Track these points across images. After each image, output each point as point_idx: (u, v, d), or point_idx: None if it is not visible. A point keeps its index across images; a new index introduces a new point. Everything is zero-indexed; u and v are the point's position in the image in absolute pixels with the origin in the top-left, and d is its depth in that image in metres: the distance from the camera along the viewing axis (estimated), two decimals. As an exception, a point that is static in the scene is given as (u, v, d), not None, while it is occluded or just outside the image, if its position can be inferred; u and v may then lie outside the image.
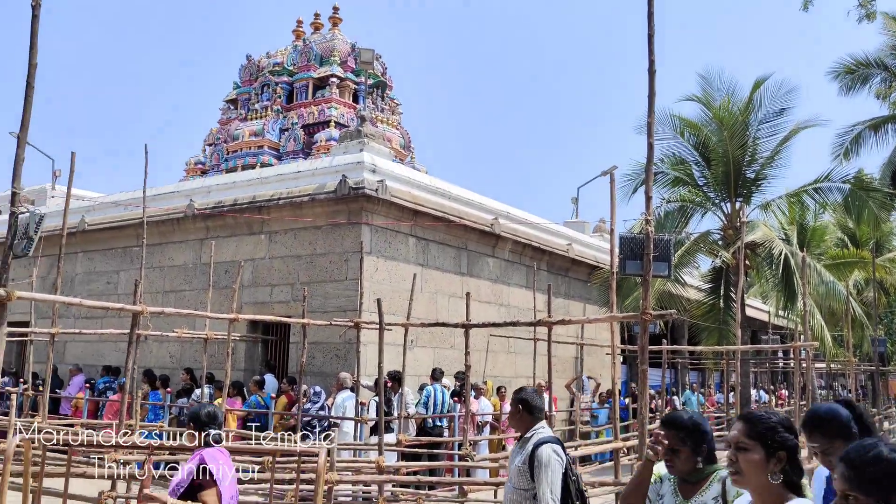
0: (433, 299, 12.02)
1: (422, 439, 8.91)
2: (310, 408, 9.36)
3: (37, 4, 5.13)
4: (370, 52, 12.64)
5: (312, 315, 9.82)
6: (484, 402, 10.77)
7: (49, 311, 12.29)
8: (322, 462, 3.93)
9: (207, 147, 18.95)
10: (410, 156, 18.55)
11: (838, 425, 2.72)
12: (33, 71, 5.21)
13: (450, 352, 12.20)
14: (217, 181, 13.45)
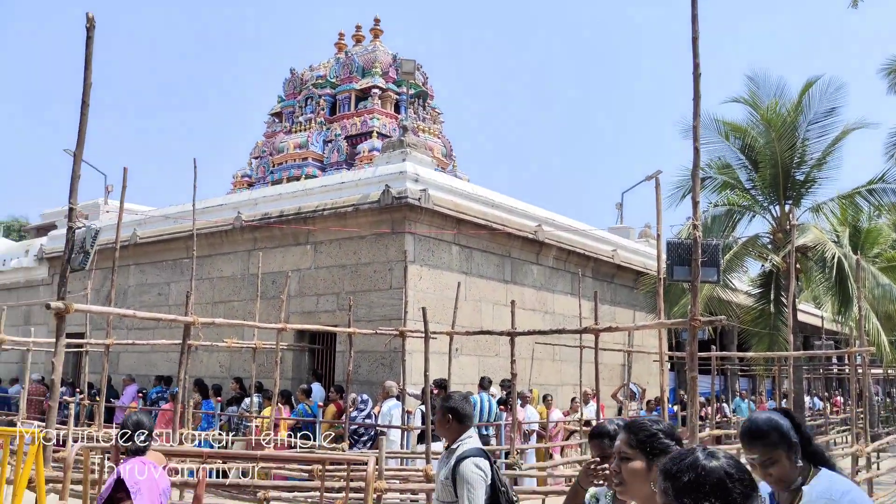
0: (477, 307, 12.02)
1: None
2: (356, 416, 9.42)
3: (91, 26, 5.31)
4: (411, 62, 12.74)
5: (358, 324, 9.91)
6: (530, 410, 10.72)
7: (103, 323, 12.63)
8: (371, 470, 3.97)
9: (254, 160, 19.27)
10: (452, 164, 18.59)
11: (779, 435, 2.54)
12: (88, 90, 5.39)
13: (495, 360, 12.17)
14: (263, 193, 13.68)
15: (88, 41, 5.37)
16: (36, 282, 18.25)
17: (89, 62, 5.37)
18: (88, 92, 5.36)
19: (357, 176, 12.14)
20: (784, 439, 2.52)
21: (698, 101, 5.31)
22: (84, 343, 10.48)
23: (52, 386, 4.93)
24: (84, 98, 5.36)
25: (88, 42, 5.37)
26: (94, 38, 5.38)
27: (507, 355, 11.51)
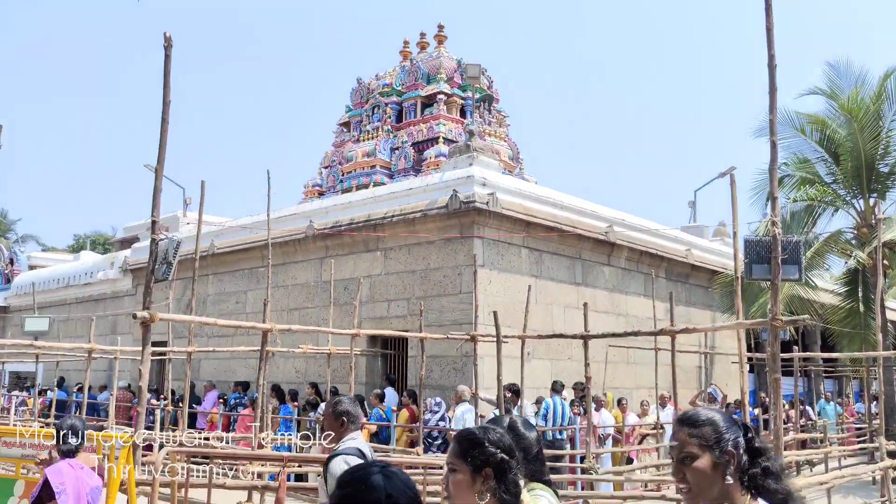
0: (548, 310, 11.92)
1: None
2: (430, 419, 9.47)
3: (168, 45, 5.51)
4: (476, 66, 12.76)
5: (428, 329, 9.97)
6: (605, 414, 10.56)
7: (184, 331, 13.08)
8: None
9: (323, 169, 19.65)
10: (519, 167, 18.53)
11: (714, 434, 2.09)
12: (167, 107, 5.60)
13: (567, 363, 12.04)
14: (334, 202, 13.92)
15: (166, 60, 5.58)
16: (121, 293, 19.04)
17: (167, 81, 5.59)
18: (167, 110, 5.58)
19: (424, 182, 12.22)
20: (719, 443, 2.04)
21: (774, 93, 5.15)
22: (167, 351, 10.87)
23: (139, 392, 5.14)
24: (163, 115, 5.57)
25: (166, 61, 5.58)
26: (171, 58, 5.59)
27: (580, 359, 11.36)
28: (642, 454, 10.91)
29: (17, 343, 9.22)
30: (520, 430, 2.66)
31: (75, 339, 18.44)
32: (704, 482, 2.00)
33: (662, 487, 7.75)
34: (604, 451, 9.77)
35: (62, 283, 21.73)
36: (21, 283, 23.80)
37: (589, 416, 7.37)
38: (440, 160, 15.33)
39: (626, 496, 5.63)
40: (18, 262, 26.03)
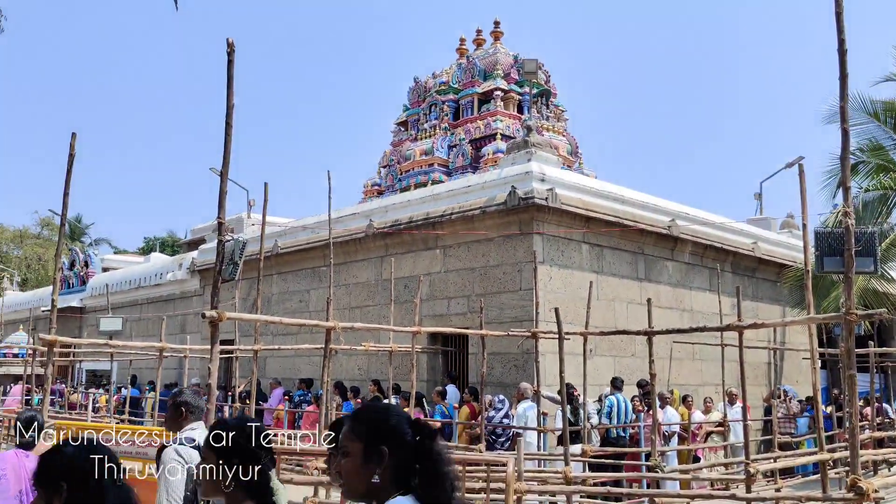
0: (610, 306, 11.77)
1: (607, 450, 8.71)
2: (493, 417, 9.46)
3: (232, 50, 5.64)
4: (533, 61, 12.66)
5: (489, 326, 9.96)
6: (670, 411, 10.36)
7: (250, 330, 13.38)
8: (511, 471, 3.98)
9: (382, 169, 19.84)
10: (578, 162, 18.34)
11: (372, 430, 2.01)
12: (231, 111, 5.72)
13: (630, 360, 11.87)
14: (393, 201, 14.03)
15: (229, 65, 5.70)
16: (189, 293, 19.61)
17: (231, 85, 5.71)
18: (231, 113, 5.70)
19: (483, 179, 12.21)
20: (372, 441, 1.96)
21: (845, 79, 4.97)
22: (234, 349, 11.13)
23: (209, 390, 5.27)
24: (228, 119, 5.69)
25: (229, 66, 5.70)
26: (234, 63, 5.71)
27: (643, 355, 11.18)
28: (709, 452, 10.67)
29: (94, 342, 9.58)
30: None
31: (146, 339, 19.08)
32: (352, 477, 1.99)
33: (731, 487, 7.57)
34: (669, 449, 9.59)
35: (133, 285, 22.51)
36: (95, 284, 24.75)
37: (654, 413, 7.25)
38: (498, 157, 15.29)
39: (693, 495, 5.52)
40: (93, 264, 27.06)
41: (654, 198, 13.04)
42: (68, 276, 26.64)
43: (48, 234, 44.05)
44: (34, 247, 42.59)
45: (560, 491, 5.90)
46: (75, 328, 24.01)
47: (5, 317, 25.75)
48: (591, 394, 9.62)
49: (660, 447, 7.97)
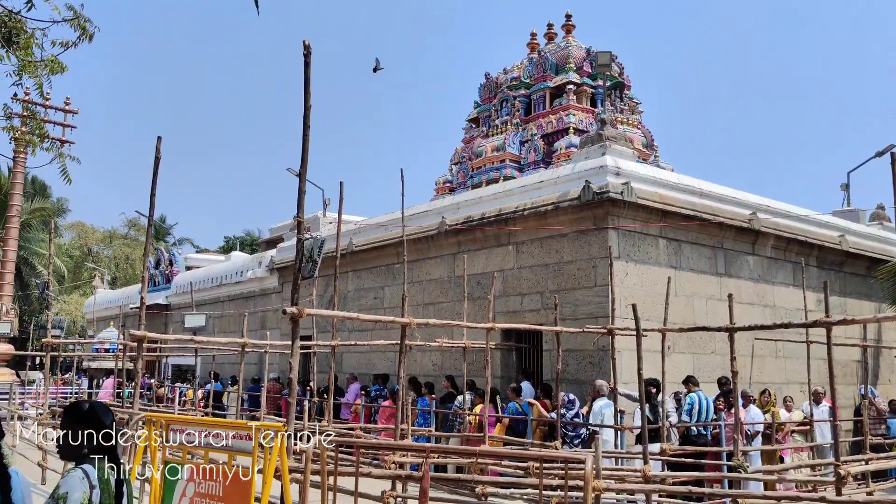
0: (689, 302, 11.49)
1: (687, 449, 8.51)
2: (564, 415, 9.38)
3: (308, 53, 5.76)
4: (607, 54, 12.44)
5: (563, 323, 9.87)
6: (754, 410, 10.05)
7: (327, 326, 13.65)
8: (590, 469, 3.93)
9: (454, 166, 19.91)
10: (654, 155, 17.97)
11: (76, 417, 3.10)
12: (308, 112, 5.85)
13: (710, 357, 11.56)
14: (465, 197, 14.06)
15: (306, 68, 5.83)
16: (269, 290, 20.15)
17: (308, 87, 5.83)
18: (308, 115, 5.83)
19: (555, 174, 12.09)
20: (76, 423, 2.99)
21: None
22: (312, 345, 11.37)
23: (290, 384, 5.42)
24: (305, 121, 5.83)
25: (306, 68, 5.83)
26: (311, 65, 5.84)
27: (724, 352, 10.88)
28: (794, 453, 10.30)
29: (179, 338, 9.96)
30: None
31: (228, 335, 19.71)
32: None
33: (820, 489, 7.28)
34: (752, 448, 9.30)
35: (215, 282, 23.28)
36: (180, 282, 25.71)
37: (736, 411, 7.04)
38: (571, 151, 15.13)
39: (779, 496, 5.32)
40: (176, 263, 28.13)
41: (733, 190, 12.66)
42: (154, 275, 27.77)
43: (135, 234, 46.03)
44: (122, 247, 44.59)
45: (639, 490, 5.79)
46: (161, 325, 25.01)
47: (97, 314, 27.07)
48: (669, 391, 9.42)
49: (742, 447, 7.74)
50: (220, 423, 5.30)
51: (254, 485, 4.71)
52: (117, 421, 4.65)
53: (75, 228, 44.83)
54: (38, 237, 37.97)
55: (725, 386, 10.05)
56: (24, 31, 5.86)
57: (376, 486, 6.26)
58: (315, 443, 4.57)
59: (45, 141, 7.49)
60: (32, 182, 38.66)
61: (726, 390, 9.99)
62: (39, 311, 35.27)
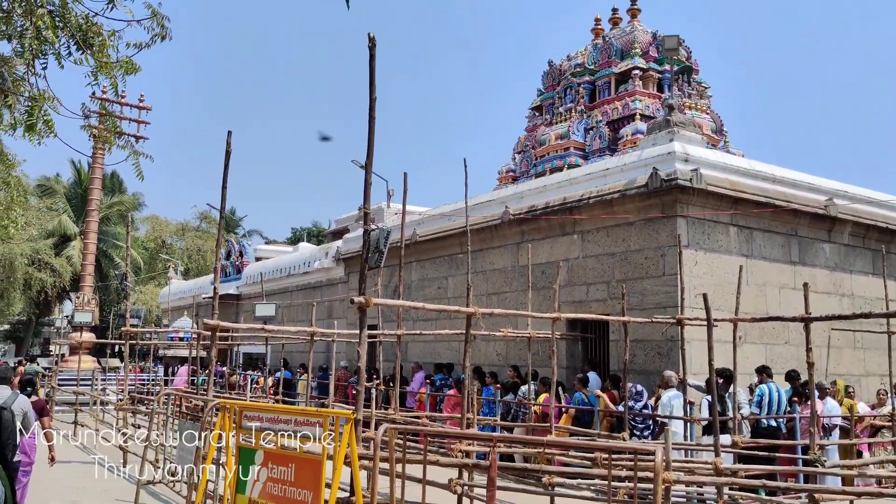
0: (761, 292, 11.17)
1: (759, 441, 8.29)
2: (632, 406, 9.25)
3: (373, 45, 5.81)
4: (674, 38, 12.13)
5: (630, 312, 9.72)
6: (831, 402, 9.72)
7: (392, 315, 13.80)
8: (660, 460, 3.87)
9: (517, 155, 19.79)
10: (724, 140, 17.48)
11: None
12: (373, 104, 5.90)
13: (784, 348, 11.22)
14: (528, 186, 13.98)
15: (371, 60, 5.88)
16: (335, 280, 20.49)
17: (373, 79, 5.88)
18: (374, 106, 5.88)
19: (622, 161, 11.90)
20: None
21: None
22: (378, 334, 11.52)
23: (358, 372, 5.50)
24: (370, 112, 5.88)
25: (371, 61, 5.88)
26: (375, 57, 5.88)
27: (797, 343, 10.57)
28: (876, 448, 9.91)
29: (251, 327, 10.22)
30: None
31: (296, 324, 20.14)
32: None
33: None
34: (829, 442, 8.99)
35: (284, 273, 23.81)
36: (250, 273, 26.39)
37: (812, 404, 6.81)
38: (637, 138, 14.86)
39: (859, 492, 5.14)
40: (246, 254, 28.87)
41: (808, 176, 12.23)
42: (225, 266, 28.57)
43: (206, 226, 47.41)
44: (194, 239, 45.99)
45: (711, 483, 5.68)
46: (232, 314, 25.74)
47: (171, 303, 28.03)
48: (741, 383, 9.19)
49: (819, 440, 7.50)
50: (290, 410, 5.42)
51: (324, 470, 4.81)
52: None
53: (150, 221, 46.46)
54: (116, 230, 39.54)
55: (795, 380, 9.74)
56: (100, 35, 6.09)
57: (443, 475, 6.30)
58: (383, 430, 4.63)
59: (121, 138, 7.77)
60: (111, 177, 40.26)
61: (801, 383, 9.69)
62: (118, 301, 36.75)
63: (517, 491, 6.25)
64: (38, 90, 5.96)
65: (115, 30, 6.17)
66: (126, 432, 11.38)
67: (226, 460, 5.75)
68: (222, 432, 5.77)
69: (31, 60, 5.70)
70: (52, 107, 6.14)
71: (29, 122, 5.97)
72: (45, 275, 34.64)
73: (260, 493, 5.29)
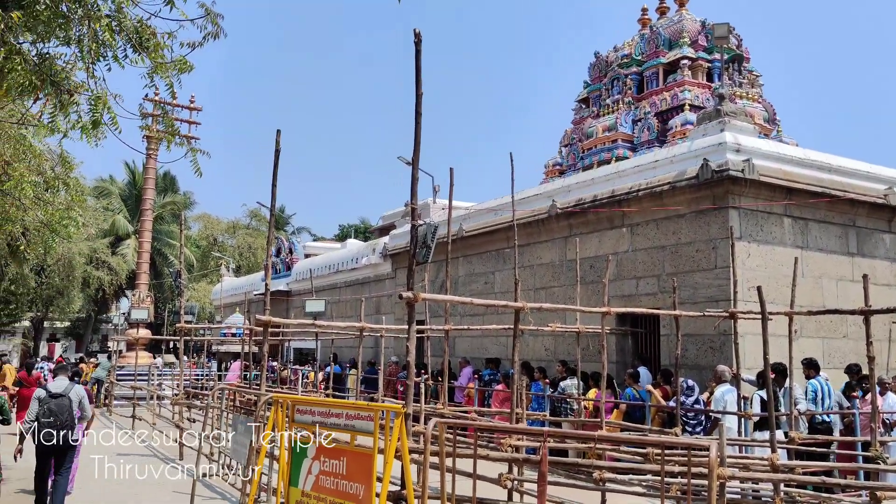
0: (817, 284, 10.88)
1: (817, 438, 8.09)
2: (684, 401, 9.12)
3: (419, 41, 5.82)
4: (724, 25, 11.84)
5: (682, 306, 9.57)
6: (892, 398, 9.42)
7: (439, 310, 13.84)
8: (714, 456, 3.82)
9: (563, 148, 19.65)
10: (777, 129, 17.07)
11: None
12: (420, 100, 5.92)
13: (841, 342, 10.92)
14: (576, 179, 13.86)
15: (417, 56, 5.89)
16: (383, 276, 20.64)
17: (419, 75, 5.90)
18: (420, 102, 5.90)
19: (671, 152, 11.70)
20: None
21: None
22: (426, 329, 11.57)
23: (407, 367, 5.54)
24: (417, 108, 5.90)
25: (417, 56, 5.89)
26: (421, 53, 5.90)
27: (856, 337, 10.27)
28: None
29: (301, 323, 10.37)
30: None
31: (345, 319, 20.36)
32: None
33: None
34: (891, 439, 8.72)
35: (332, 269, 24.07)
36: (299, 269, 26.76)
37: (873, 399, 6.62)
38: (687, 129, 14.61)
39: (924, 491, 4.98)
40: (296, 251, 29.28)
41: (867, 165, 11.85)
42: (275, 263, 29.02)
43: (256, 224, 48.22)
44: (245, 236, 46.84)
45: (767, 479, 5.56)
46: (283, 310, 26.13)
47: (224, 300, 28.59)
48: (797, 378, 8.98)
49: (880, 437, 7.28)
50: (341, 404, 5.49)
51: (375, 464, 4.86)
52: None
53: (202, 220, 47.46)
54: (169, 229, 40.49)
55: (856, 374, 9.48)
56: (154, 36, 6.24)
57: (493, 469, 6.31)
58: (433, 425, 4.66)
59: (176, 137, 7.96)
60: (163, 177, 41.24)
61: (859, 377, 9.43)
62: (172, 298, 37.64)
63: (568, 486, 6.21)
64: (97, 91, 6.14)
65: (171, 31, 6.33)
66: (182, 426, 11.66)
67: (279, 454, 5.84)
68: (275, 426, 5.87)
69: (91, 64, 5.88)
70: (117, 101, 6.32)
71: (94, 119, 6.14)
72: (103, 273, 35.67)
73: (312, 486, 5.36)
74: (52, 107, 6.18)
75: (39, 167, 11.34)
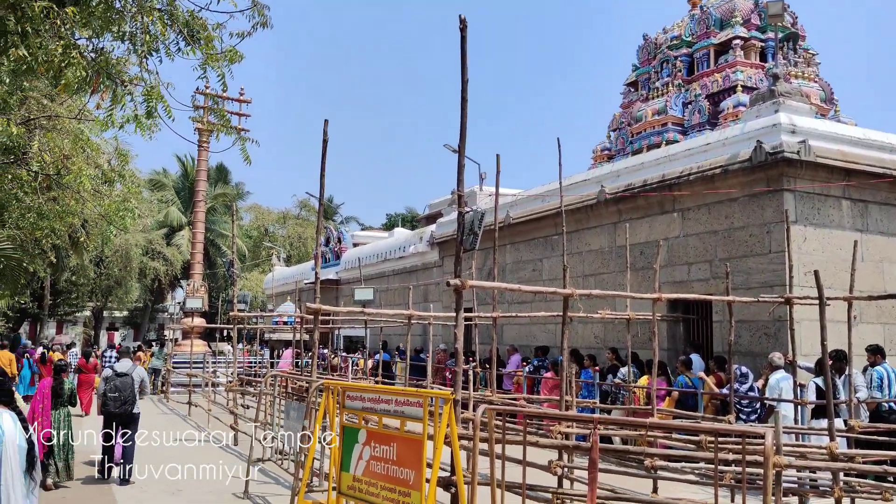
0: (878, 268, 10.53)
1: (879, 426, 7.85)
2: (738, 388, 8.94)
3: (464, 27, 5.79)
4: (779, 3, 11.46)
5: (735, 292, 9.36)
6: (957, 386, 9.07)
7: (487, 298, 13.82)
8: (770, 444, 3.74)
9: (612, 132, 19.38)
10: (834, 109, 16.54)
11: None
12: (466, 86, 5.89)
13: (904, 328, 10.56)
14: (625, 164, 13.65)
15: (462, 42, 5.86)
16: (430, 264, 20.72)
17: (464, 61, 5.87)
18: (466, 88, 5.87)
19: (723, 135, 11.44)
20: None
21: None
22: (474, 316, 11.57)
23: (456, 354, 5.55)
24: (463, 94, 5.88)
25: (463, 42, 5.86)
26: (467, 39, 5.87)
27: (921, 322, 9.91)
28: None
29: (351, 311, 10.48)
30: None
31: (393, 307, 20.50)
32: None
33: None
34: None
35: (380, 258, 24.26)
36: (348, 258, 27.03)
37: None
38: (739, 110, 14.25)
39: None
40: (345, 240, 29.56)
41: (930, 143, 11.39)
42: (325, 252, 29.38)
43: (306, 214, 48.85)
44: (295, 226, 47.51)
45: (825, 468, 5.42)
46: (333, 299, 26.46)
47: (275, 289, 29.07)
48: (856, 365, 8.71)
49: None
50: (391, 391, 5.54)
51: (425, 450, 4.89)
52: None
53: (253, 210, 48.27)
54: (222, 220, 41.31)
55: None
56: (205, 28, 6.34)
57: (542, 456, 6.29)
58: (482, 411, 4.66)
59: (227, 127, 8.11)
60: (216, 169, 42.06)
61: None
62: (225, 287, 38.43)
63: (618, 474, 6.16)
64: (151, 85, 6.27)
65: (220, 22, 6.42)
66: (236, 412, 11.92)
67: (331, 439, 5.93)
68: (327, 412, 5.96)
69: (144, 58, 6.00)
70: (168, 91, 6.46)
71: (148, 109, 6.29)
72: (158, 263, 36.63)
73: (364, 471, 5.43)
74: (108, 100, 6.33)
75: (97, 160, 11.68)
